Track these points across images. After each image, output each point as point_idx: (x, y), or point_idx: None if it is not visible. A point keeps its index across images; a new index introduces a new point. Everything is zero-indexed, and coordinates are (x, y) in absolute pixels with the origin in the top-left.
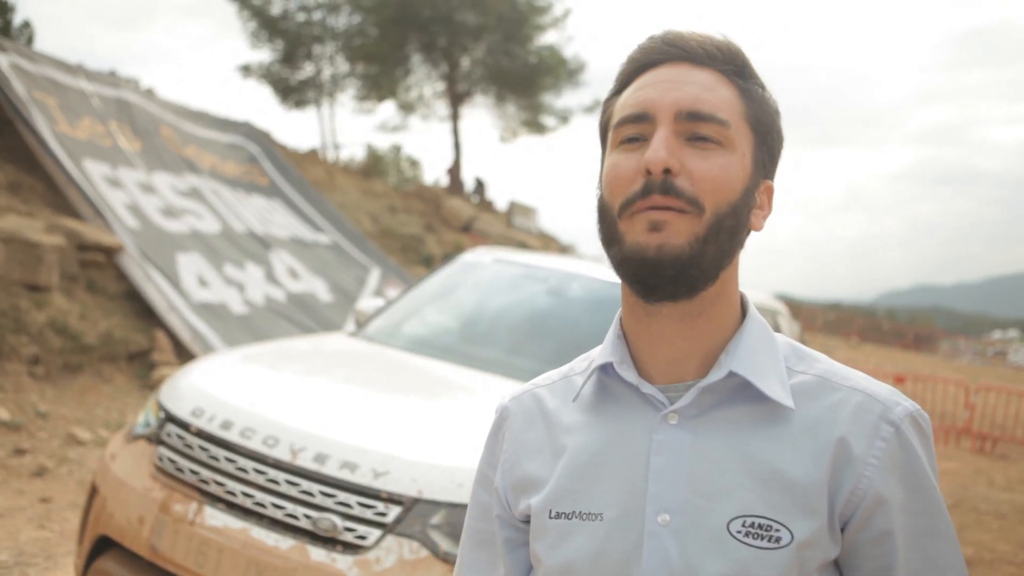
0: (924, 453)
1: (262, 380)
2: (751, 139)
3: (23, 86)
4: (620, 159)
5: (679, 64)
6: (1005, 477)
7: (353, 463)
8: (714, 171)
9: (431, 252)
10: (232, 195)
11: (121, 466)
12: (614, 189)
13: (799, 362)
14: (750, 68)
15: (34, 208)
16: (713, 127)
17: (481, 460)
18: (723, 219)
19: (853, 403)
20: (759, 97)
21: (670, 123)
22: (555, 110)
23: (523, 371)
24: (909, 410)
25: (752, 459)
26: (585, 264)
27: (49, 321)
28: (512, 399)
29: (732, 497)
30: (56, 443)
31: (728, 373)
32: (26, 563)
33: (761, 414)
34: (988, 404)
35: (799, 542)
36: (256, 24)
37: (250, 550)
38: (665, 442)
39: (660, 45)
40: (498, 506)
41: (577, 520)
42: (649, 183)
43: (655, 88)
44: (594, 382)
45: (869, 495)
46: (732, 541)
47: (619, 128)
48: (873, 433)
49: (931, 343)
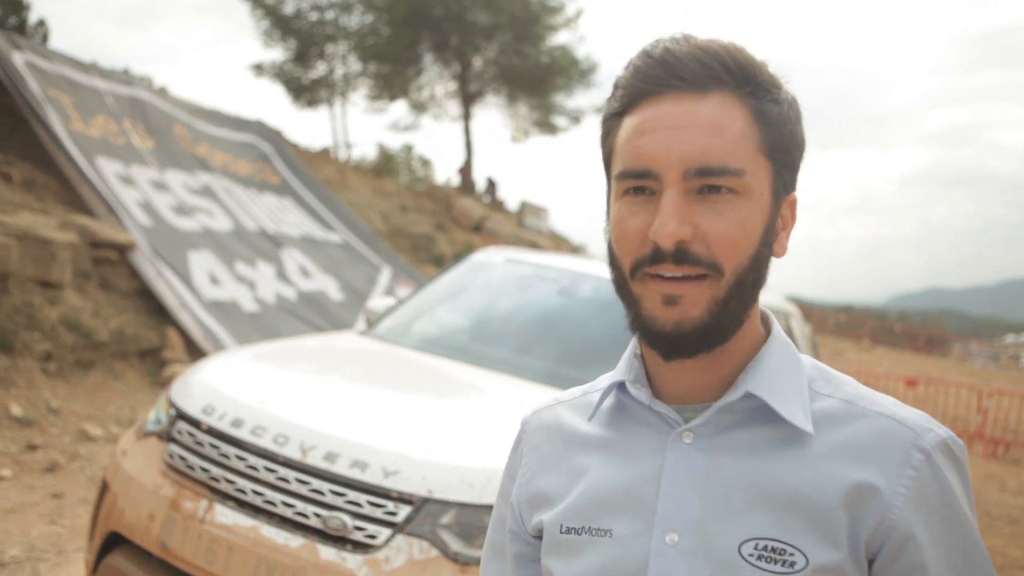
0: (957, 482)
1: (273, 378)
2: (768, 170)
3: (38, 84)
4: (626, 214)
5: (681, 97)
6: (1017, 482)
7: (363, 462)
8: (731, 229)
9: (442, 252)
10: (244, 193)
11: (132, 463)
12: (622, 247)
13: (825, 385)
14: (762, 79)
15: (48, 205)
16: (726, 179)
17: (503, 473)
18: (744, 275)
19: (881, 428)
20: (775, 117)
21: (678, 183)
22: (567, 110)
23: (533, 371)
24: (941, 437)
25: (767, 481)
26: (596, 264)
27: (62, 318)
28: (533, 413)
29: (745, 519)
30: (68, 439)
31: (745, 394)
32: (37, 558)
33: (780, 436)
34: (1001, 408)
35: (814, 568)
36: (269, 23)
37: (260, 548)
38: (678, 460)
39: (658, 71)
40: (511, 520)
41: (587, 536)
42: (658, 253)
43: (656, 139)
44: (612, 399)
45: (899, 528)
46: (744, 564)
47: (622, 180)
48: (903, 462)
49: (943, 346)
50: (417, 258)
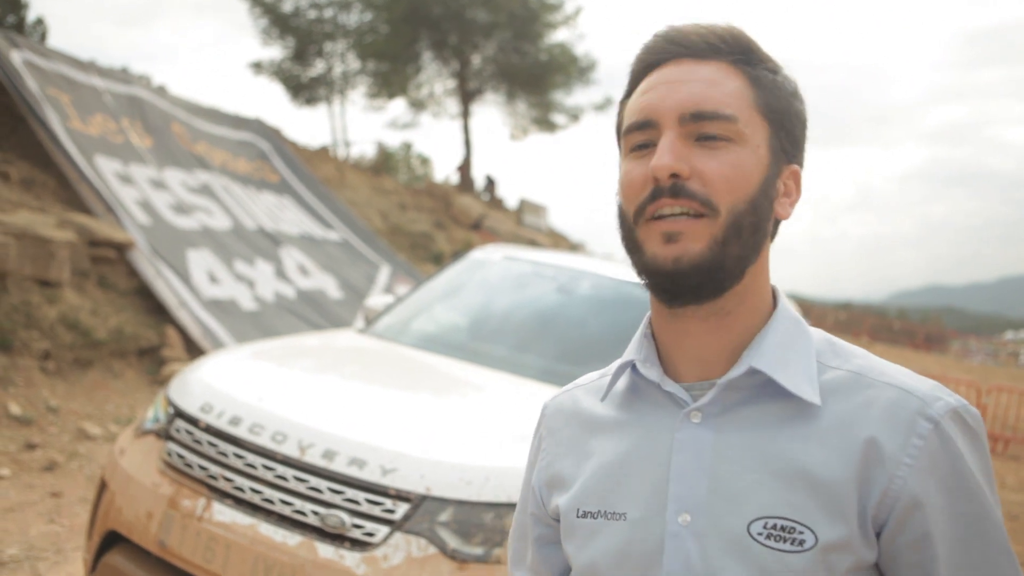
0: (970, 452)
1: (271, 376)
2: (765, 128)
3: (36, 83)
4: (631, 166)
5: (681, 62)
6: (1017, 478)
7: (361, 460)
8: (725, 169)
9: (441, 249)
10: (243, 192)
11: (130, 461)
12: (627, 196)
13: (834, 357)
14: (758, 52)
15: (46, 204)
16: (719, 124)
17: (528, 458)
18: (741, 217)
19: (887, 399)
20: (770, 82)
21: (675, 127)
22: (566, 108)
23: (532, 369)
24: (952, 405)
25: (776, 458)
26: (595, 262)
27: (60, 316)
28: (552, 399)
29: (753, 498)
30: (66, 438)
31: (749, 369)
32: (36, 557)
33: (787, 412)
34: (1000, 405)
35: (824, 545)
36: (267, 21)
37: (258, 546)
38: (687, 440)
39: (662, 43)
40: (532, 503)
41: (603, 520)
42: (657, 189)
43: (657, 92)
44: (625, 381)
45: (903, 497)
46: (753, 543)
47: (627, 136)
48: (909, 431)
49: (942, 343)
50: (416, 256)
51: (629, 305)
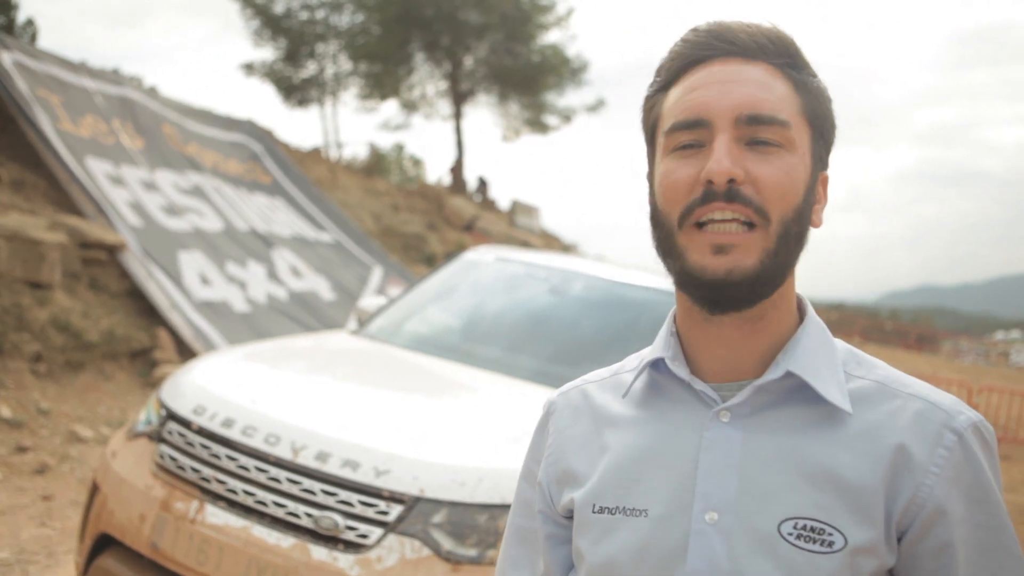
0: (988, 464)
1: (264, 378)
2: (809, 134)
3: (26, 84)
4: (675, 165)
5: (730, 60)
6: (1008, 478)
7: (355, 461)
8: (779, 176)
9: (433, 251)
10: (234, 193)
11: (122, 464)
12: (670, 198)
13: (858, 367)
14: (802, 57)
15: (37, 206)
16: (774, 130)
17: (526, 455)
18: (790, 226)
19: (914, 410)
20: (814, 89)
21: (730, 129)
22: (558, 109)
23: (526, 370)
24: (973, 419)
25: (806, 461)
26: (587, 263)
27: (51, 319)
28: (560, 394)
29: (784, 498)
30: (58, 441)
31: (785, 373)
32: (27, 560)
33: (817, 416)
34: (991, 405)
35: (852, 548)
36: (259, 22)
37: (251, 548)
38: (716, 439)
39: (707, 39)
40: (541, 501)
41: (621, 516)
42: (710, 192)
43: (709, 90)
44: (645, 378)
45: (929, 505)
46: (783, 543)
47: (673, 134)
48: (935, 441)
49: (934, 343)
50: (408, 257)
51: (622, 306)
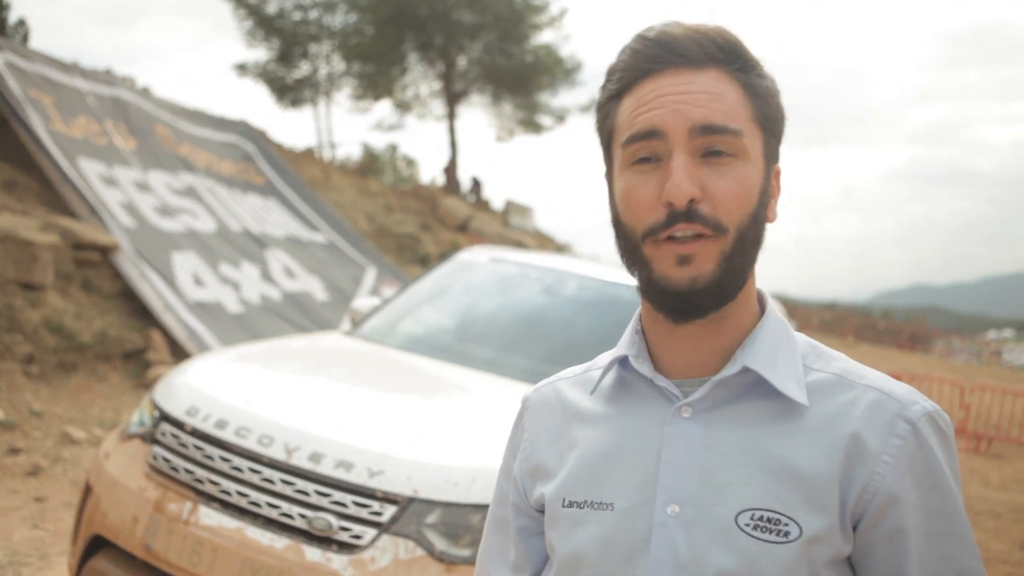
0: (943, 453)
1: (257, 379)
2: (760, 137)
3: (18, 84)
4: (635, 183)
5: (680, 71)
6: (1000, 476)
7: (348, 462)
8: (734, 189)
9: (427, 251)
10: (228, 194)
11: (115, 465)
12: (633, 215)
13: (817, 360)
14: (749, 57)
15: (29, 207)
16: (727, 139)
17: (505, 450)
18: (746, 232)
19: (868, 400)
20: (763, 90)
21: (685, 143)
22: (551, 109)
23: (519, 370)
24: (927, 409)
25: (764, 453)
26: (581, 263)
27: (44, 320)
28: (534, 391)
29: (741, 490)
30: (51, 442)
31: (742, 368)
32: (20, 563)
33: (775, 410)
34: (983, 404)
35: (807, 537)
36: (252, 23)
37: (245, 550)
38: (677, 434)
39: (656, 50)
40: (514, 494)
41: (589, 509)
42: (673, 214)
43: (661, 105)
44: (612, 375)
45: (881, 492)
46: (740, 534)
47: (629, 147)
48: (888, 430)
49: (926, 343)
50: (402, 258)
51: (615, 306)
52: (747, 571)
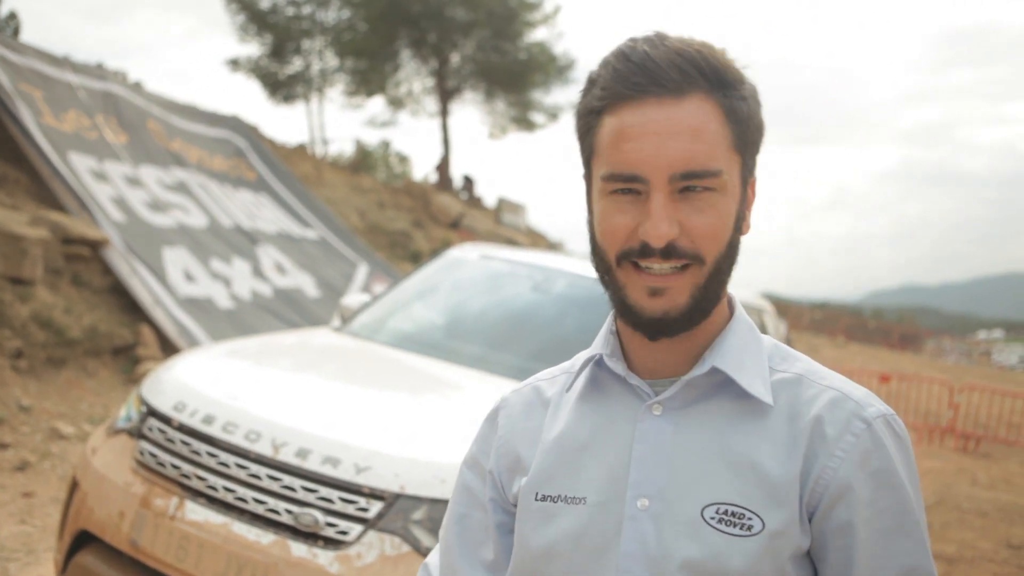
0: (897, 453)
1: (245, 375)
2: (739, 163)
3: (8, 77)
4: (613, 211)
5: (662, 102)
6: (988, 476)
7: (335, 458)
8: (712, 223)
9: (419, 248)
10: (219, 189)
11: (102, 460)
12: (608, 240)
13: (782, 361)
14: (732, 77)
15: (18, 201)
16: (708, 180)
17: (473, 445)
18: (722, 261)
19: (826, 398)
20: (743, 114)
21: (665, 186)
22: (544, 107)
23: (508, 367)
24: (882, 411)
25: (730, 451)
26: (572, 261)
27: (33, 315)
28: (513, 392)
29: (708, 485)
30: (39, 438)
31: (711, 369)
32: (7, 558)
33: (741, 409)
34: (972, 403)
35: (770, 531)
36: (245, 18)
37: (231, 545)
38: (648, 431)
39: (639, 77)
40: (492, 489)
41: (562, 503)
42: (648, 249)
43: (643, 145)
44: (587, 374)
45: (833, 485)
46: (705, 527)
47: (609, 182)
48: (844, 428)
49: (917, 343)
50: (394, 255)
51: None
52: (712, 563)
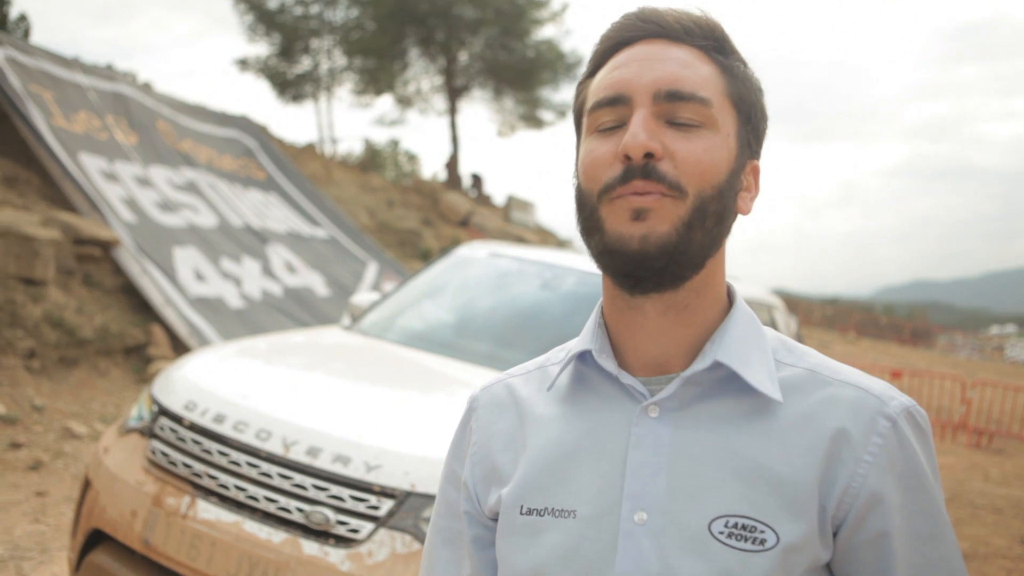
0: (922, 451)
1: (256, 374)
2: (735, 118)
3: (19, 79)
4: (596, 144)
5: (655, 41)
6: (1001, 472)
7: (346, 456)
8: (698, 153)
9: (428, 246)
10: (229, 189)
11: (114, 460)
12: (591, 175)
13: (788, 355)
14: (730, 44)
15: (30, 202)
16: (694, 107)
17: (448, 455)
18: (708, 203)
19: (846, 397)
20: (741, 74)
21: (648, 105)
22: (553, 104)
23: (517, 365)
24: (905, 405)
25: (737, 455)
26: (580, 258)
27: (45, 315)
28: (483, 389)
29: (714, 496)
30: (52, 437)
31: (713, 363)
32: (21, 557)
33: (747, 407)
34: (985, 399)
35: (785, 545)
36: (253, 17)
37: (243, 543)
38: (644, 436)
39: (635, 22)
40: (466, 501)
41: (549, 517)
42: (629, 168)
43: (629, 68)
44: (571, 371)
45: (863, 494)
46: (713, 542)
47: (594, 113)
48: (869, 429)
49: (928, 338)
50: (404, 253)
51: None
52: None
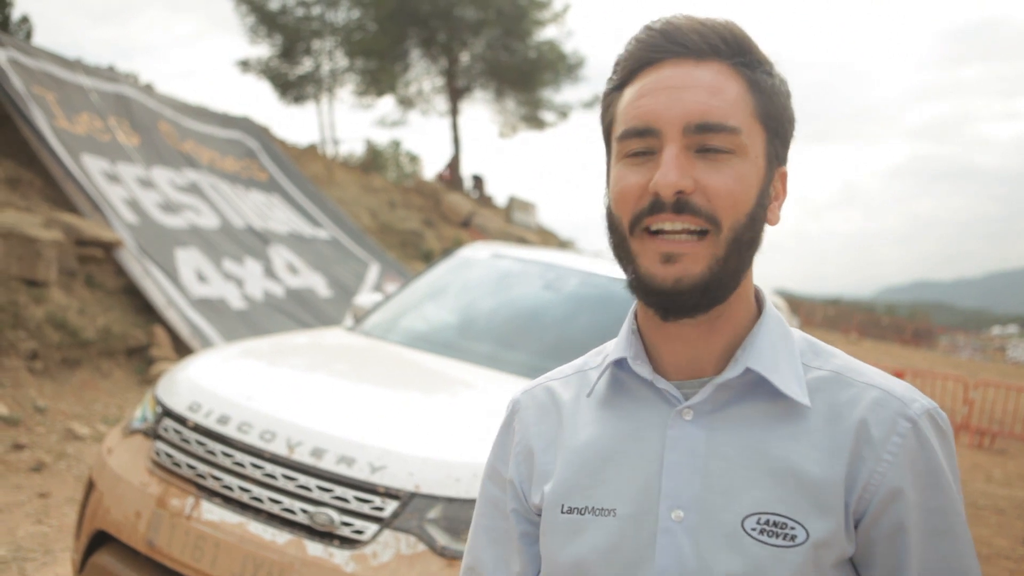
0: (942, 451)
1: (259, 375)
2: (763, 136)
3: (21, 81)
4: (626, 172)
5: (681, 62)
6: (1003, 472)
7: (350, 457)
8: (730, 184)
9: (430, 247)
10: (231, 190)
11: (118, 461)
12: (621, 205)
13: (815, 358)
14: (756, 53)
15: (32, 203)
16: (724, 137)
17: (491, 455)
18: (741, 233)
19: (869, 399)
20: (768, 88)
21: (679, 139)
22: (554, 105)
23: (520, 366)
24: (927, 407)
25: (767, 456)
26: (583, 259)
27: (47, 316)
28: (524, 392)
29: (747, 494)
30: (54, 438)
31: (744, 370)
32: (24, 558)
33: (778, 411)
34: (987, 399)
35: (814, 540)
36: (255, 19)
37: (247, 544)
38: (680, 438)
39: (659, 40)
40: (513, 499)
41: (590, 516)
42: (658, 202)
43: (658, 97)
44: (608, 376)
45: (882, 489)
46: (747, 539)
47: (624, 141)
48: (890, 428)
49: (930, 339)
50: (405, 254)
51: (616, 302)
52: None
